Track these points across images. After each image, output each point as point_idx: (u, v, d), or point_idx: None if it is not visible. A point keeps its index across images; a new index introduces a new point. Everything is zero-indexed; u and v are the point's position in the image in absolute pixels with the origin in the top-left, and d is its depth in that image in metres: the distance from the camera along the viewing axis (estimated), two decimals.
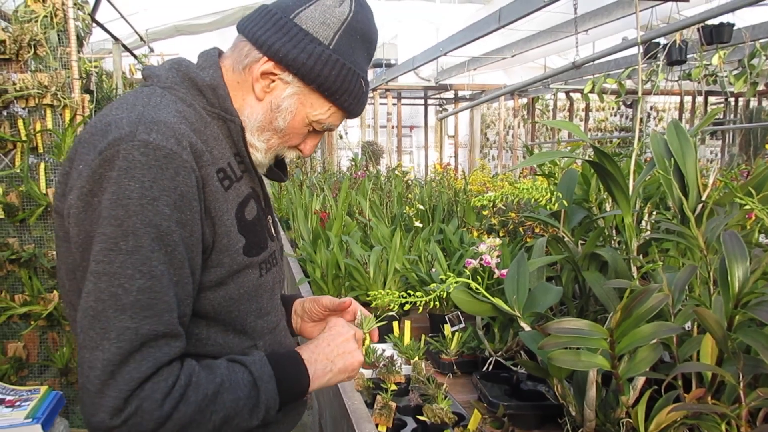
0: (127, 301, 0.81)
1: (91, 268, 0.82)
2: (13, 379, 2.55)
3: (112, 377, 0.79)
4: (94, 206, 0.84)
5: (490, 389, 1.49)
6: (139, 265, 0.82)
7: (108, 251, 0.81)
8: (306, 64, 0.99)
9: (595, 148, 1.31)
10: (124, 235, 0.81)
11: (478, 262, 1.66)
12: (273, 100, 1.03)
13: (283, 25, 1.00)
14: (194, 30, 7.85)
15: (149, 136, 0.85)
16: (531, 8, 4.47)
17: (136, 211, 0.82)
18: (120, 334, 0.80)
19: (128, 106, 0.92)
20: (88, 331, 0.81)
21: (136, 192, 0.82)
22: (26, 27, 2.46)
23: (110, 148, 0.84)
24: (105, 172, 0.83)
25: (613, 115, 12.94)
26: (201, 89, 1.00)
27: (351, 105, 1.06)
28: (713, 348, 0.95)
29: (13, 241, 2.53)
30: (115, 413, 0.78)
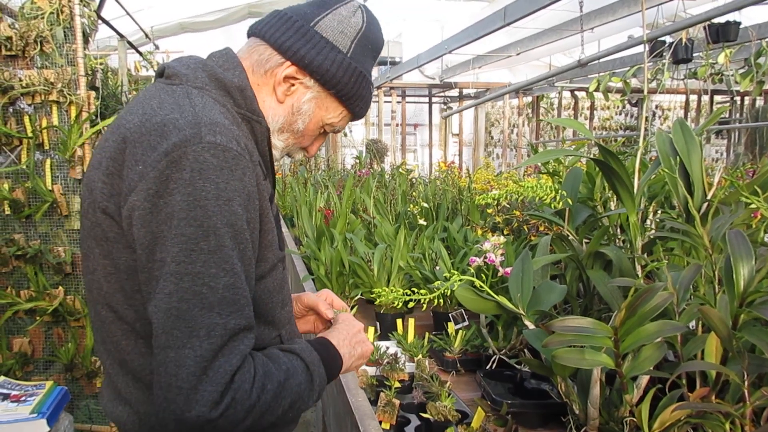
0: (214, 299, 0.83)
1: (170, 269, 0.83)
2: (18, 374, 2.56)
3: (205, 372, 0.81)
4: (161, 207, 0.84)
5: (494, 387, 1.50)
6: (222, 264, 0.84)
7: (189, 252, 0.82)
8: (329, 70, 1.04)
9: (601, 146, 1.31)
10: (205, 235, 0.83)
11: (482, 260, 1.66)
12: (294, 103, 1.07)
13: (306, 32, 1.04)
14: (199, 27, 7.87)
15: (215, 137, 0.87)
16: (536, 6, 4.46)
17: (215, 212, 0.84)
18: (210, 331, 0.82)
19: (173, 105, 0.92)
20: (171, 330, 0.82)
21: (213, 193, 0.84)
22: (32, 24, 2.47)
23: (176, 150, 0.85)
24: (172, 174, 0.84)
25: (618, 113, 12.91)
26: (229, 90, 1.01)
27: (360, 109, 1.13)
28: (718, 347, 0.95)
29: (18, 237, 2.55)
30: (214, 406, 0.81)
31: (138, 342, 0.95)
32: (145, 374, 0.95)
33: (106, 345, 0.99)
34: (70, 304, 2.58)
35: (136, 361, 0.95)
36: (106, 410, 1.04)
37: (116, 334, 0.95)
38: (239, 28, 8.02)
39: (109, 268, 0.93)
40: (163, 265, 0.83)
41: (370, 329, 1.84)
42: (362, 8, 1.09)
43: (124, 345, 0.95)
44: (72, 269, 2.60)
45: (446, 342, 1.82)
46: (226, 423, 0.83)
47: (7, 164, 2.56)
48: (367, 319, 2.35)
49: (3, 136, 2.50)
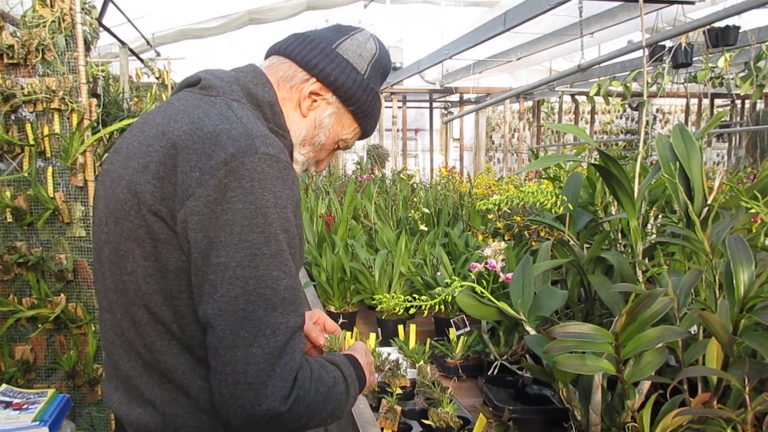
0: (276, 300, 0.88)
1: (235, 274, 0.87)
2: (20, 382, 2.56)
3: (273, 369, 0.86)
4: (219, 214, 0.88)
5: (496, 393, 1.49)
6: (282, 267, 0.90)
7: (253, 256, 0.87)
8: (351, 88, 1.13)
9: (601, 151, 1.31)
10: (267, 241, 0.89)
11: (483, 265, 1.66)
12: (316, 118, 1.14)
13: (329, 53, 1.12)
14: (200, 34, 7.89)
15: (268, 149, 0.93)
16: (536, 11, 4.47)
17: (274, 219, 0.90)
18: (275, 330, 0.87)
19: (220, 116, 0.97)
20: (239, 331, 0.86)
21: (272, 201, 0.90)
22: (34, 32, 2.48)
23: (234, 160, 0.90)
24: (231, 182, 0.89)
25: (619, 117, 12.92)
26: (260, 105, 1.07)
27: (370, 128, 1.22)
28: (719, 352, 0.95)
29: (20, 245, 2.55)
30: (283, 400, 0.86)
31: (171, 343, 0.97)
32: (178, 375, 0.97)
33: (134, 346, 1.00)
34: (72, 312, 2.58)
35: (169, 361, 0.97)
36: (119, 413, 1.04)
37: (150, 336, 0.97)
38: (240, 34, 8.05)
39: (150, 270, 0.95)
40: (225, 270, 0.87)
41: (372, 335, 1.83)
42: (374, 37, 1.20)
43: (159, 346, 0.97)
44: (74, 277, 2.60)
45: (448, 348, 1.82)
46: (291, 417, 0.88)
47: (9, 172, 2.57)
48: (368, 325, 2.34)
49: (5, 143, 2.51)
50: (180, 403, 0.97)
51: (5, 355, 2.57)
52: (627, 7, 4.99)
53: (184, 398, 0.97)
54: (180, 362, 0.97)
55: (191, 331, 0.95)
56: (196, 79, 1.08)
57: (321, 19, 8.67)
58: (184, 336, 0.95)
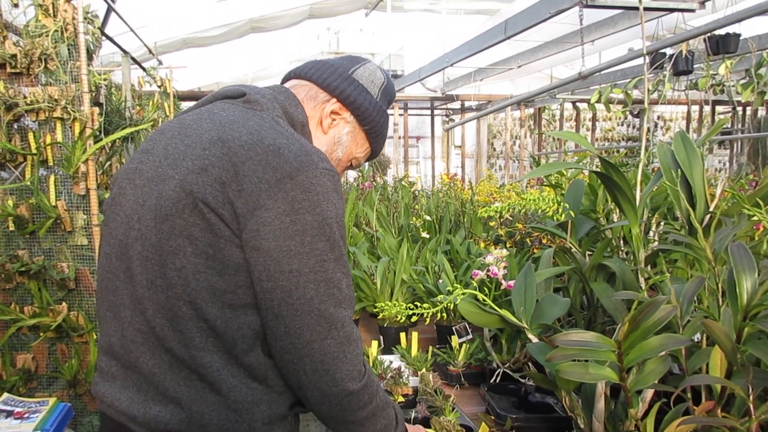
0: (341, 297, 1.00)
1: (309, 278, 0.98)
2: (21, 390, 2.55)
3: (345, 355, 1.00)
4: (289, 225, 0.97)
5: (498, 401, 1.49)
6: (343, 268, 1.02)
7: (323, 262, 0.99)
8: (367, 109, 1.25)
9: (602, 158, 1.31)
10: (332, 248, 1.00)
11: (485, 273, 1.66)
12: (335, 135, 1.25)
13: (347, 77, 1.25)
14: (203, 42, 7.91)
15: (325, 164, 1.02)
16: (536, 19, 4.48)
17: (335, 228, 1.01)
18: (344, 322, 1.00)
19: (274, 131, 1.05)
20: (314, 327, 0.98)
21: (333, 212, 1.01)
22: (37, 41, 2.49)
23: (300, 174, 0.98)
24: (298, 195, 0.98)
25: (620, 124, 12.92)
26: (294, 124, 1.16)
27: (379, 147, 1.34)
28: (722, 360, 0.95)
29: (22, 253, 2.55)
30: (355, 380, 1.01)
31: (209, 340, 1.01)
32: (212, 371, 1.01)
33: (165, 343, 1.02)
34: (74, 320, 2.57)
35: (205, 358, 1.01)
36: (130, 413, 1.04)
37: (191, 331, 1.01)
38: (242, 43, 8.08)
39: (201, 266, 0.99)
40: (299, 275, 0.97)
41: (374, 343, 1.83)
42: (380, 68, 1.33)
43: (198, 342, 1.01)
44: (76, 285, 2.60)
45: (450, 355, 1.82)
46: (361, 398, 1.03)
47: (11, 180, 2.58)
48: (370, 332, 2.34)
49: (7, 152, 2.51)
50: (208, 401, 1.01)
51: (7, 363, 2.57)
52: (628, 14, 5.00)
53: (212, 395, 1.01)
54: (215, 359, 1.01)
55: (235, 327, 1.00)
56: (240, 92, 1.16)
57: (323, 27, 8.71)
58: (226, 332, 1.00)
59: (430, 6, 8.12)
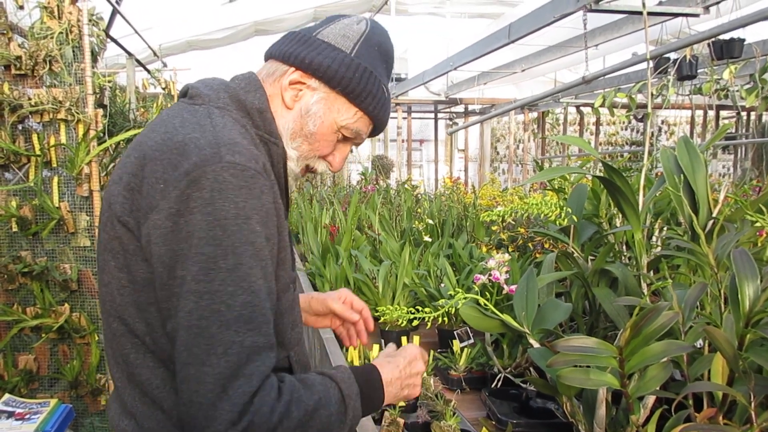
0: (231, 317, 0.84)
1: (190, 288, 0.84)
2: (23, 391, 2.56)
3: (224, 391, 0.82)
4: (181, 226, 0.86)
5: (499, 406, 1.48)
6: (240, 282, 0.85)
7: (208, 270, 0.84)
8: (331, 67, 1.05)
9: (605, 163, 1.31)
10: (224, 254, 0.85)
11: (486, 277, 1.66)
12: (302, 107, 1.08)
13: (307, 39, 1.08)
14: (207, 45, 7.95)
15: (234, 157, 0.89)
16: (540, 23, 4.49)
17: (234, 231, 0.86)
18: (227, 349, 0.83)
19: (195, 125, 0.95)
20: (192, 348, 0.83)
21: (232, 212, 0.86)
22: (42, 43, 2.50)
23: (197, 169, 0.87)
24: (193, 193, 0.86)
25: (624, 129, 12.91)
26: (249, 112, 1.04)
27: (375, 109, 1.11)
28: (724, 367, 0.94)
29: (25, 254, 2.56)
30: (231, 426, 0.81)
31: (146, 356, 0.95)
32: (152, 389, 0.95)
33: (117, 358, 0.99)
34: (76, 321, 2.58)
35: (143, 374, 0.95)
36: (112, 423, 1.04)
37: (126, 347, 0.96)
38: (246, 45, 8.10)
39: (124, 281, 0.94)
40: (183, 283, 0.85)
41: (375, 347, 1.83)
42: (368, 19, 1.13)
43: (133, 358, 0.95)
44: (78, 286, 2.60)
45: (451, 360, 1.81)
46: None
47: (15, 182, 2.58)
48: (371, 336, 2.33)
49: (11, 154, 2.52)
50: (156, 418, 0.95)
51: (9, 364, 2.57)
52: (632, 19, 5.00)
53: (159, 413, 0.95)
54: (154, 375, 0.95)
55: (162, 344, 0.93)
56: (185, 89, 1.07)
57: None
58: (156, 349, 0.94)
59: (434, 9, 8.13)
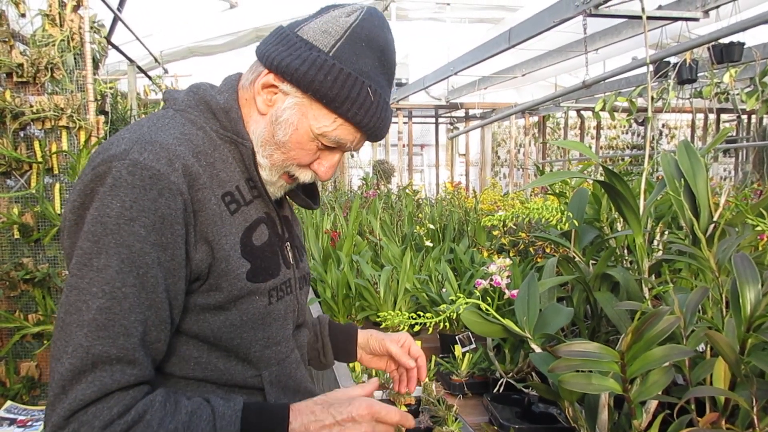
0: (86, 318, 0.80)
1: (67, 281, 0.84)
2: (25, 398, 2.56)
3: (63, 392, 0.79)
4: (74, 219, 0.86)
5: (501, 411, 1.48)
6: (103, 284, 0.81)
7: (82, 266, 0.82)
8: (299, 69, 0.95)
9: (605, 168, 1.31)
10: (98, 253, 0.82)
11: (488, 282, 1.65)
12: (274, 113, 1.00)
13: (285, 37, 0.99)
14: (208, 51, 7.97)
15: (140, 155, 0.86)
16: (540, 28, 4.49)
17: (112, 230, 0.82)
18: (74, 350, 0.79)
19: (136, 127, 0.94)
20: (56, 341, 0.82)
21: (116, 210, 0.83)
22: (44, 51, 2.51)
23: (103, 165, 0.86)
24: (95, 187, 0.85)
25: (625, 132, 12.91)
26: (214, 112, 1.00)
27: (358, 116, 0.98)
28: (726, 372, 0.94)
29: (27, 261, 2.56)
30: (56, 429, 0.78)
31: None
32: None
33: None
34: None
35: None
36: None
37: None
38: (247, 51, 8.12)
39: None
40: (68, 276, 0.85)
41: None
42: (363, 9, 1.00)
43: None
44: None
45: (453, 365, 1.81)
46: None
47: (17, 189, 2.59)
48: None
49: (13, 161, 2.53)
50: None
51: (10, 371, 2.57)
52: (631, 23, 5.01)
53: None
54: None
55: None
56: None
57: None
58: None
59: (434, 15, 8.15)
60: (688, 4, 4.07)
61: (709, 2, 3.91)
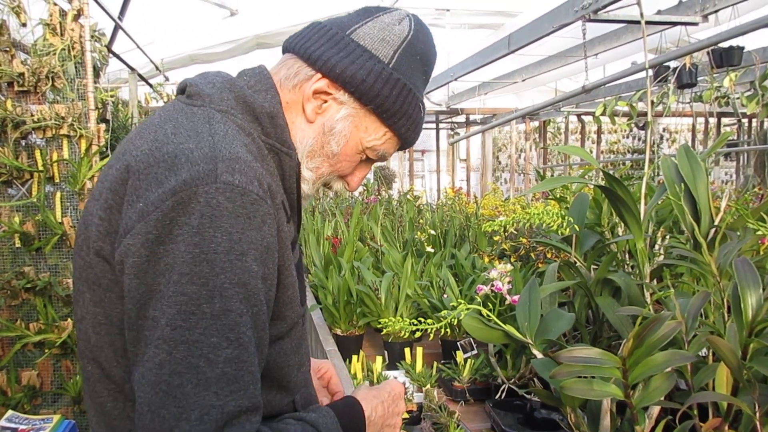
0: (212, 375, 0.69)
1: (164, 335, 0.69)
2: (26, 407, 2.55)
3: None
4: (161, 256, 0.71)
5: (503, 418, 1.48)
6: (227, 332, 0.70)
7: (189, 315, 0.69)
8: (366, 81, 0.89)
9: (605, 172, 1.31)
10: (210, 297, 0.70)
11: (489, 288, 1.65)
12: (326, 123, 0.93)
13: (339, 40, 0.91)
14: (209, 59, 7.99)
15: (233, 177, 0.74)
16: (540, 34, 4.51)
17: (224, 268, 0.71)
18: (204, 414, 0.68)
19: (191, 132, 0.79)
20: (158, 410, 0.69)
21: (224, 245, 0.71)
22: (44, 60, 2.52)
23: (186, 189, 0.72)
24: (178, 217, 0.71)
25: (626, 137, 12.92)
26: (258, 117, 0.88)
27: (408, 131, 0.96)
28: (728, 377, 0.94)
29: (28, 270, 2.56)
30: None
31: (127, 405, 0.81)
32: None
33: (94, 405, 0.85)
34: None
35: (123, 427, 0.82)
36: None
37: (102, 394, 0.82)
38: (248, 58, 8.14)
39: (100, 317, 0.80)
40: (155, 327, 0.70)
41: (378, 359, 1.82)
42: (411, 17, 0.95)
43: (111, 408, 0.82)
44: None
45: (455, 371, 1.81)
46: None
47: (18, 197, 2.59)
48: (375, 348, 2.33)
49: (14, 169, 2.53)
50: None
51: (12, 380, 2.57)
52: (631, 28, 5.02)
53: None
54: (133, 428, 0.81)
55: None
56: (183, 84, 0.91)
57: None
58: None
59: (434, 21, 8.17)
60: (687, 8, 4.08)
61: (708, 7, 3.91)
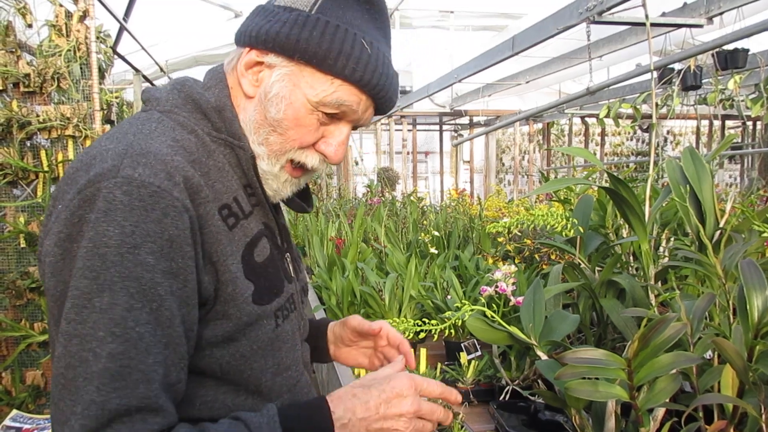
0: (96, 369, 0.68)
1: (62, 328, 0.70)
2: (30, 407, 2.56)
3: None
4: (73, 253, 0.72)
5: (508, 419, 1.47)
6: (112, 326, 0.69)
7: (81, 308, 0.69)
8: (280, 32, 0.85)
9: (610, 174, 1.31)
10: (99, 291, 0.69)
11: (493, 289, 1.65)
12: (261, 91, 0.89)
13: (261, 11, 0.90)
14: (213, 60, 8.01)
15: (134, 171, 0.74)
16: (544, 35, 4.50)
17: (114, 262, 0.70)
18: (86, 409, 0.67)
19: (119, 135, 0.81)
20: (58, 402, 0.69)
21: (115, 239, 0.70)
22: (50, 61, 2.53)
23: (90, 186, 0.73)
24: (85, 214, 0.72)
25: (630, 139, 12.91)
26: (205, 112, 0.88)
27: (355, 71, 0.86)
28: (734, 379, 0.94)
29: (33, 270, 2.57)
30: None
31: None
32: None
33: None
34: None
35: None
36: None
37: None
38: None
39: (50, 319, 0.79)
40: (59, 323, 0.72)
41: None
42: None
43: None
44: None
45: (459, 372, 1.80)
46: None
47: (23, 198, 2.60)
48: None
49: (20, 170, 2.54)
50: None
51: (16, 380, 2.58)
52: (635, 30, 5.02)
53: None
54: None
55: None
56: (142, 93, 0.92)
57: None
58: None
59: (437, 23, 8.19)
60: (692, 10, 4.07)
61: (713, 9, 3.91)
